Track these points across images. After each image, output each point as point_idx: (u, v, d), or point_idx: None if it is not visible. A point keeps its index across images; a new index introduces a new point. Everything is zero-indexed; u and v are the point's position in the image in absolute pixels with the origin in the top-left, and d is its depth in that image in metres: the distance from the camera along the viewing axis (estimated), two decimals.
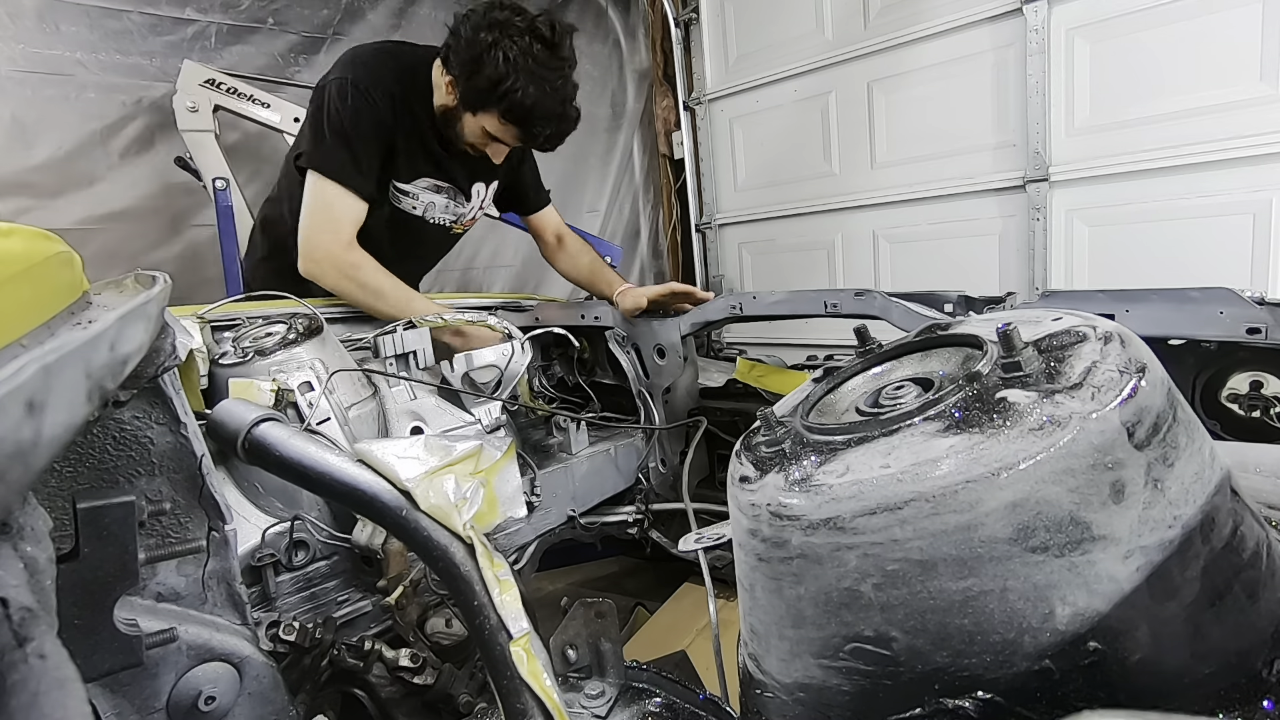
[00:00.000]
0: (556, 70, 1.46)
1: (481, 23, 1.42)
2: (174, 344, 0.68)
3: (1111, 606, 0.44)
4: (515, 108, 1.45)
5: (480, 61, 1.41)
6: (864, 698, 0.51)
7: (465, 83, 1.46)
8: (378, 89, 1.50)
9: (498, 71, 1.40)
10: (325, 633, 0.92)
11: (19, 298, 0.46)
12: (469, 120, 1.53)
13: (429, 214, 1.74)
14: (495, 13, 1.43)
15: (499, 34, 1.40)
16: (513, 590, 0.72)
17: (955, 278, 2.85)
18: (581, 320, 1.67)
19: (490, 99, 1.45)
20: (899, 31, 2.88)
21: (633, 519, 1.63)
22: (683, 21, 3.65)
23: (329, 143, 1.49)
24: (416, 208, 1.71)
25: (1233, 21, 2.19)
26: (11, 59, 2.31)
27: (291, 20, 2.82)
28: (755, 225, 3.62)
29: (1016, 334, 0.51)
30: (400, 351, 1.29)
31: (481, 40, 1.41)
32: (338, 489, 0.74)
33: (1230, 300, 0.87)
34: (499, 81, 1.41)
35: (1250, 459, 0.69)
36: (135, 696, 0.70)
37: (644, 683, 0.85)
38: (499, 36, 1.40)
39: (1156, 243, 2.43)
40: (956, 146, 2.82)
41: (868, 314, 1.19)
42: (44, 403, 0.33)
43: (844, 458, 0.52)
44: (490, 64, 1.40)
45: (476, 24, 1.43)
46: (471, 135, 1.56)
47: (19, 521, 0.40)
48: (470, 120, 1.53)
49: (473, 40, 1.42)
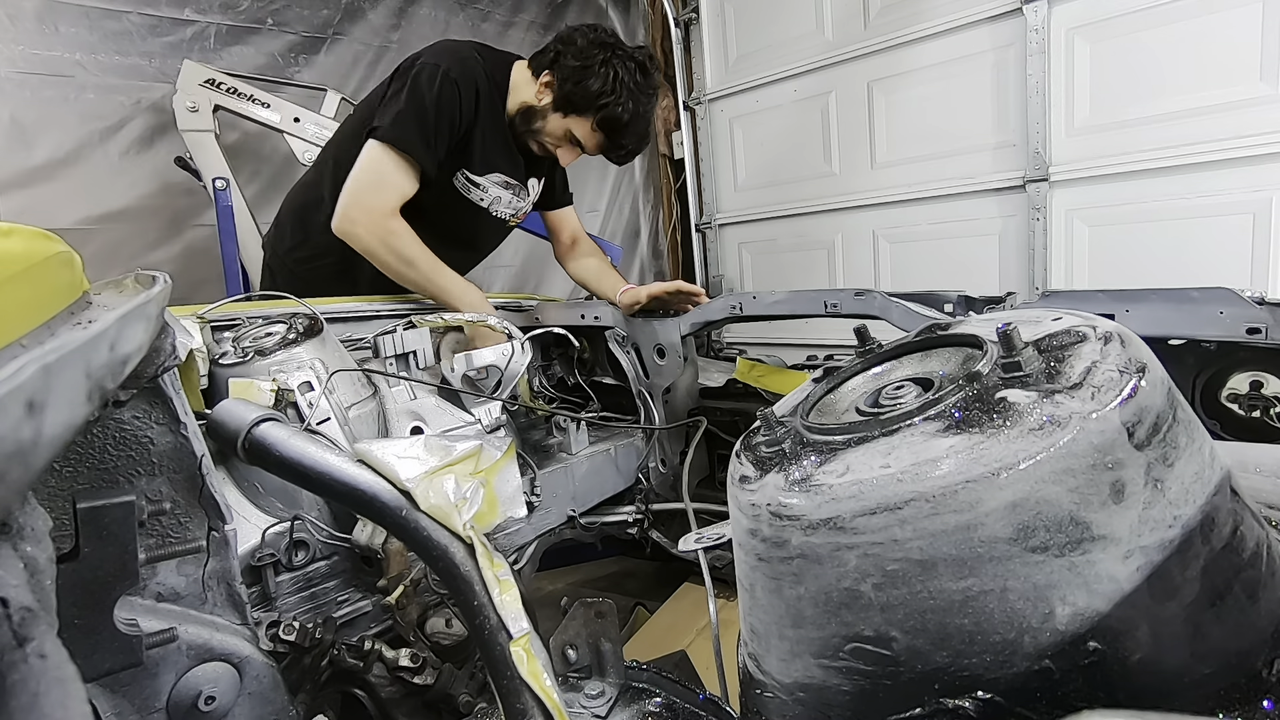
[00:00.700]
0: (650, 96, 1.67)
1: (596, 39, 1.62)
2: (174, 344, 0.68)
3: (1111, 606, 0.44)
4: (611, 119, 1.62)
5: (590, 70, 1.59)
6: (864, 698, 0.51)
7: (571, 86, 1.60)
8: (466, 81, 1.60)
9: (605, 85, 1.58)
10: (325, 633, 0.92)
11: (19, 298, 0.46)
12: (555, 120, 1.66)
13: (494, 207, 1.82)
14: (605, 36, 1.64)
15: (610, 53, 1.60)
16: (513, 590, 0.72)
17: (955, 278, 2.85)
18: (581, 320, 1.67)
19: (590, 106, 1.61)
20: (899, 31, 2.88)
21: (633, 519, 1.63)
22: (683, 21, 3.65)
23: (405, 117, 1.56)
24: (484, 200, 1.78)
25: (1233, 21, 2.19)
26: (11, 60, 2.32)
27: (291, 20, 2.82)
28: (755, 225, 3.62)
29: (1016, 334, 0.51)
30: (400, 351, 1.29)
31: (596, 54, 1.59)
32: (338, 489, 0.74)
33: (1230, 300, 0.87)
34: (603, 93, 1.59)
35: (1250, 459, 0.69)
36: (135, 696, 0.70)
37: (644, 683, 0.85)
38: (610, 55, 1.60)
39: (1156, 243, 2.43)
40: (956, 146, 2.82)
41: (868, 314, 1.19)
42: (44, 403, 0.33)
43: (844, 458, 0.52)
44: (599, 76, 1.58)
45: (592, 40, 1.61)
46: (553, 134, 1.68)
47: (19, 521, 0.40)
48: (557, 120, 1.66)
49: (587, 51, 1.59)
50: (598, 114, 1.61)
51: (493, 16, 3.36)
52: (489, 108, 1.66)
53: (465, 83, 1.60)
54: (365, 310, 1.63)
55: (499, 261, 3.44)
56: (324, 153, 1.90)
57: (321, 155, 1.91)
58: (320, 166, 1.84)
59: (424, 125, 1.56)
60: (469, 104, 1.61)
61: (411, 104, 1.56)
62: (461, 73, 1.60)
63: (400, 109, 1.56)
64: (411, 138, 1.56)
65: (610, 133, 1.65)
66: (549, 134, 1.68)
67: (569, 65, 1.60)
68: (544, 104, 1.65)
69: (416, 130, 1.56)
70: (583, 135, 1.66)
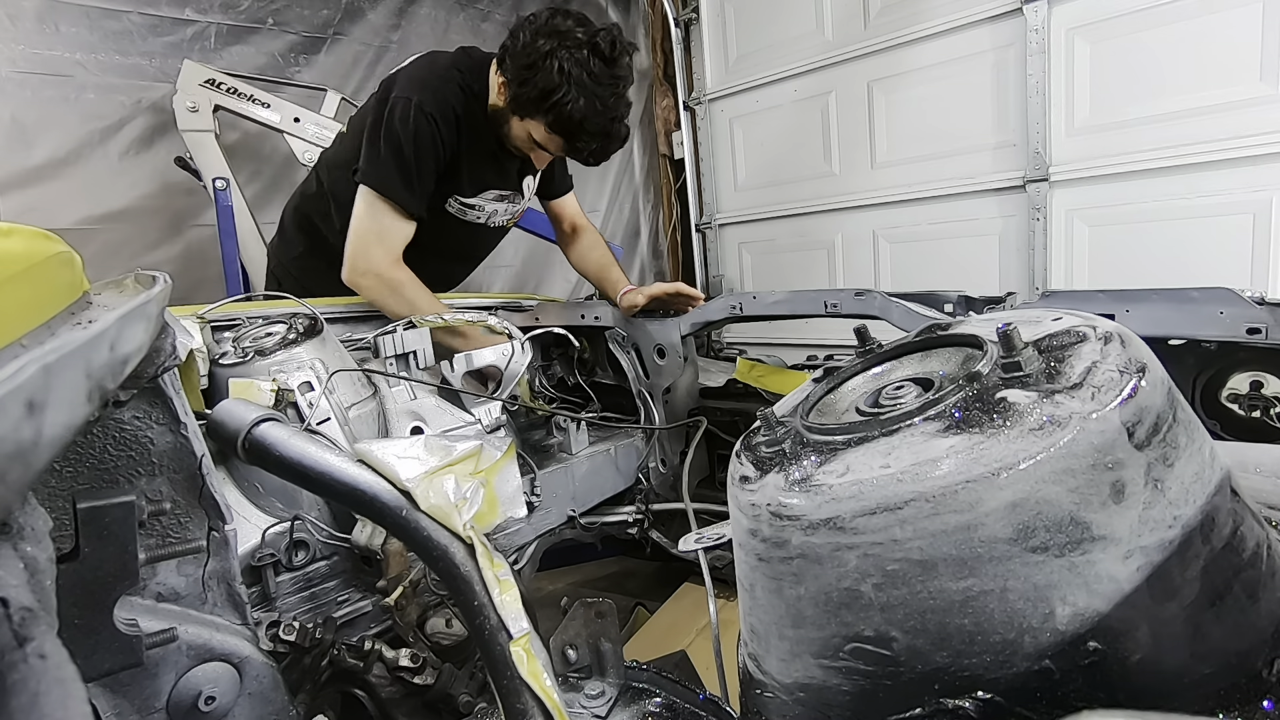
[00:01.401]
0: (610, 87, 1.44)
1: (542, 29, 1.41)
2: (174, 344, 0.68)
3: (1111, 606, 0.44)
4: (563, 120, 1.44)
5: (534, 68, 1.40)
6: (864, 698, 0.51)
7: (517, 88, 1.45)
8: (442, 112, 1.52)
9: (550, 81, 1.39)
10: (325, 633, 0.92)
11: (19, 298, 0.46)
12: (515, 124, 1.54)
13: (491, 220, 1.79)
14: (557, 20, 1.42)
15: (557, 43, 1.39)
16: (513, 590, 0.72)
17: (955, 278, 2.85)
18: (581, 320, 1.67)
19: (539, 108, 1.44)
20: (899, 31, 2.87)
21: (633, 519, 1.63)
22: (683, 21, 3.65)
23: (386, 162, 1.52)
24: (480, 217, 1.76)
25: (1233, 21, 2.19)
26: (11, 60, 2.32)
27: (291, 20, 2.82)
28: (755, 225, 3.62)
29: (1016, 334, 0.51)
30: (400, 351, 1.29)
31: (539, 47, 1.40)
32: (338, 489, 0.74)
33: (1230, 300, 0.87)
34: (550, 92, 1.40)
35: (1250, 459, 0.69)
36: (135, 696, 0.70)
37: (644, 683, 0.85)
38: (556, 46, 1.39)
39: (1156, 243, 2.43)
40: (956, 146, 2.82)
41: (868, 314, 1.19)
42: (44, 403, 0.33)
43: (844, 458, 0.52)
44: (544, 72, 1.39)
45: (537, 30, 1.41)
46: (517, 139, 1.56)
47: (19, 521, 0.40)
48: (517, 124, 1.53)
49: (530, 46, 1.41)
50: (548, 115, 1.44)
51: (493, 16, 3.36)
52: (471, 129, 1.57)
53: (442, 114, 1.51)
54: (365, 310, 1.63)
55: (499, 261, 3.44)
56: (323, 164, 1.86)
57: (322, 165, 1.87)
58: (321, 177, 1.82)
59: (405, 169, 1.51)
60: (449, 134, 1.54)
61: (390, 147, 1.50)
62: (436, 104, 1.50)
63: (380, 153, 1.51)
64: (395, 184, 1.52)
65: (565, 134, 1.47)
66: (514, 138, 1.57)
67: (517, 62, 1.43)
68: (504, 107, 1.52)
69: (399, 176, 1.52)
70: (541, 138, 1.51)
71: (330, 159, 1.84)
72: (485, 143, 1.62)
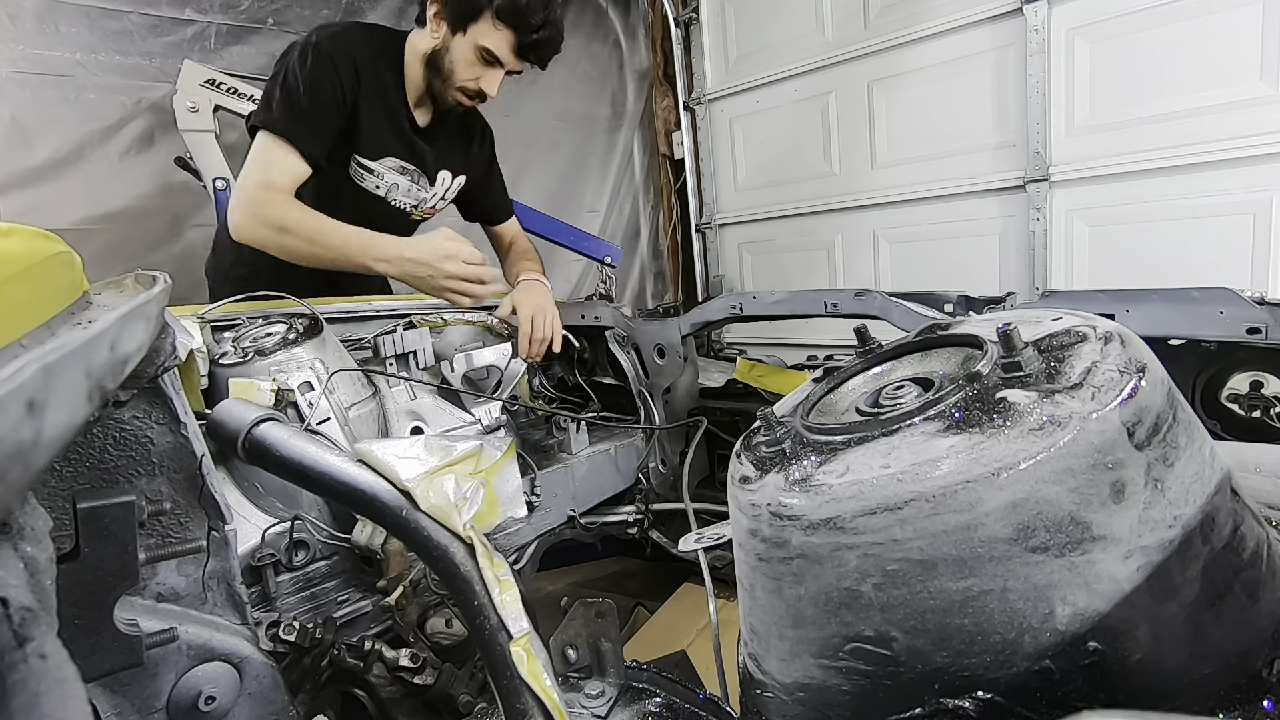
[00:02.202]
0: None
1: None
2: (174, 344, 0.68)
3: (1111, 606, 0.44)
4: (508, 5, 1.47)
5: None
6: (864, 698, 0.51)
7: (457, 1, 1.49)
8: (341, 54, 1.50)
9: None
10: (325, 633, 0.92)
11: (19, 298, 0.46)
12: (459, 44, 1.54)
13: (391, 195, 1.72)
14: None
15: None
16: (513, 590, 0.72)
17: (955, 278, 2.85)
18: (581, 320, 1.67)
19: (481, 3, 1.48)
20: (899, 31, 2.87)
21: (633, 519, 1.63)
22: (683, 21, 3.64)
23: (279, 101, 1.47)
24: (380, 187, 1.69)
25: (1233, 21, 2.19)
26: (11, 60, 2.31)
27: (291, 20, 2.82)
28: (755, 225, 3.62)
29: (1016, 334, 0.51)
30: (400, 351, 1.29)
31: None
32: (338, 489, 0.74)
33: (1230, 300, 0.87)
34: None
35: (1250, 459, 0.69)
36: (135, 696, 0.70)
37: (644, 683, 0.85)
38: None
39: (1156, 243, 2.43)
40: (956, 146, 2.82)
41: (868, 314, 1.19)
42: (44, 403, 0.33)
43: (844, 458, 0.52)
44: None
45: None
46: (465, 61, 1.55)
47: (19, 521, 0.40)
48: (461, 43, 1.53)
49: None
50: (492, 6, 1.48)
51: None
52: (373, 82, 1.55)
53: (340, 55, 1.48)
54: (365, 310, 1.63)
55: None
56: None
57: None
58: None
59: (300, 108, 1.46)
60: (347, 76, 1.50)
61: (284, 88, 1.46)
62: (333, 46, 1.49)
63: (274, 96, 1.47)
64: (290, 124, 1.46)
65: (515, 24, 1.50)
66: (461, 64, 1.55)
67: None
68: (441, 36, 1.53)
69: (294, 114, 1.46)
70: (492, 44, 1.52)
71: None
72: (389, 105, 1.60)
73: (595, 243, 2.38)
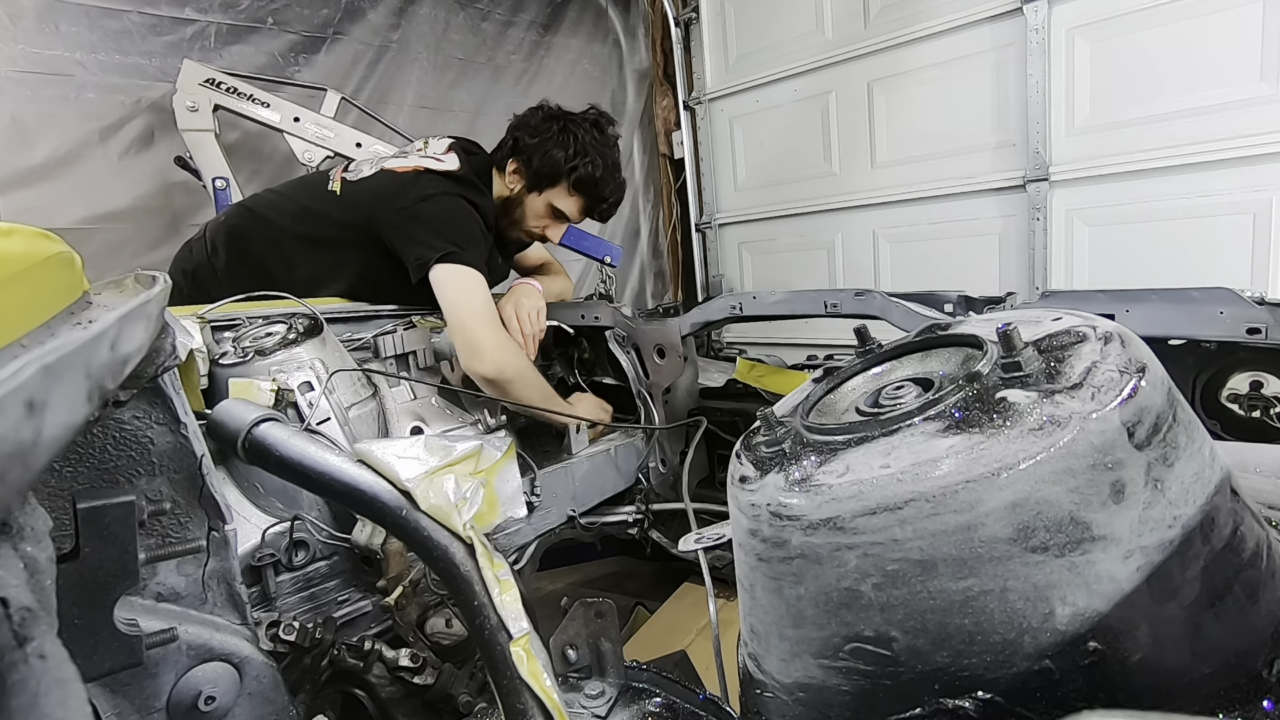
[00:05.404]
0: (612, 149, 1.75)
1: (546, 114, 1.71)
2: (174, 344, 0.68)
3: (1111, 606, 0.44)
4: (584, 180, 1.69)
5: (551, 141, 1.67)
6: (864, 698, 0.51)
7: (538, 163, 1.68)
8: (482, 207, 1.68)
9: (568, 150, 1.67)
10: (325, 633, 0.92)
11: (19, 298, 0.46)
12: (533, 201, 1.72)
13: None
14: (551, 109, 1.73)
15: (564, 122, 1.69)
16: (513, 590, 0.72)
17: (955, 278, 2.85)
18: (581, 320, 1.67)
19: (561, 173, 1.68)
20: (899, 31, 2.87)
21: (633, 519, 1.63)
22: (683, 21, 3.64)
23: (466, 246, 1.57)
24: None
25: (1232, 21, 2.19)
26: (11, 59, 2.31)
27: (291, 20, 2.82)
28: (755, 225, 3.62)
29: (1016, 334, 0.51)
30: (400, 351, 1.29)
31: (551, 127, 1.68)
32: (338, 489, 0.74)
33: (1230, 300, 0.87)
34: (569, 158, 1.67)
35: (1250, 459, 0.69)
36: (135, 696, 0.70)
37: (644, 683, 0.85)
38: (565, 124, 1.69)
39: (1156, 243, 2.43)
40: (956, 146, 2.81)
41: (868, 314, 1.19)
42: (44, 403, 0.33)
43: (844, 458, 0.52)
44: (560, 144, 1.67)
45: (544, 116, 1.70)
46: (535, 214, 1.74)
47: (19, 521, 0.40)
48: (534, 200, 1.72)
49: (541, 127, 1.68)
50: (570, 178, 1.67)
51: (493, 16, 3.35)
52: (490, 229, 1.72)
53: (482, 208, 1.65)
54: (365, 310, 1.63)
55: None
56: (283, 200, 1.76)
57: (285, 202, 1.75)
58: (285, 207, 1.73)
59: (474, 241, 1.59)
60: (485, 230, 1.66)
61: (464, 236, 1.56)
62: (481, 203, 1.65)
63: (455, 239, 1.54)
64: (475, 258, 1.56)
65: (587, 193, 1.71)
66: (531, 216, 1.74)
67: (530, 144, 1.68)
68: (518, 190, 1.71)
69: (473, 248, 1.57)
70: (564, 205, 1.72)
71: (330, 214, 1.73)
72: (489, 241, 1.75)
73: (595, 242, 2.38)
